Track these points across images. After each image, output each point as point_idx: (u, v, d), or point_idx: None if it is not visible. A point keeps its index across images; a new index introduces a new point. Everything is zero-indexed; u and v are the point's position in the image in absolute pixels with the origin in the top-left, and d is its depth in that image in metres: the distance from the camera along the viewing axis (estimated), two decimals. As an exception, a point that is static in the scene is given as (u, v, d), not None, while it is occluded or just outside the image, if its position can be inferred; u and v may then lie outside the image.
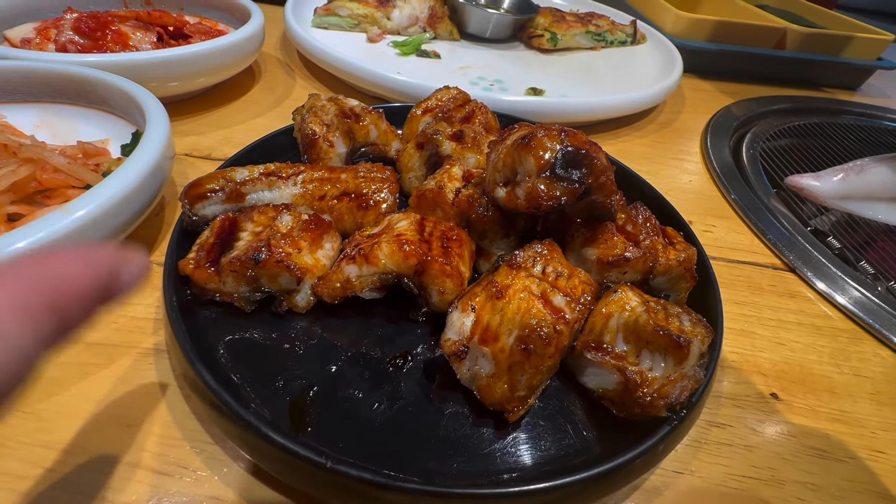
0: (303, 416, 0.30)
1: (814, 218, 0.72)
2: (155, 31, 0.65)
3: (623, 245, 0.37)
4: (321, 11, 0.84)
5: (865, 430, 0.36)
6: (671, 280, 0.38)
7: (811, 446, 0.35)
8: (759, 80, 0.98)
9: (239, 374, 0.31)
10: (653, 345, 0.31)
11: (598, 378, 0.32)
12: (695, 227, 0.56)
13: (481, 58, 0.83)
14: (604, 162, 0.35)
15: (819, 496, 0.32)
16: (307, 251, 0.36)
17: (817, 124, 0.86)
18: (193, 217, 0.38)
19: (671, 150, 0.71)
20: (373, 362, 0.34)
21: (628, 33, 0.96)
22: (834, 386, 0.39)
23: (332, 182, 0.42)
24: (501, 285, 0.31)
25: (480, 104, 0.54)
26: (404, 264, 0.33)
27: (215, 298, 0.35)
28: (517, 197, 0.35)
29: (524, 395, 0.30)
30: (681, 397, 0.29)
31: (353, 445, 0.29)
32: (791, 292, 0.48)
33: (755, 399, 0.37)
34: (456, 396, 0.32)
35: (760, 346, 0.42)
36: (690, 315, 0.33)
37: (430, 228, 0.36)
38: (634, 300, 0.33)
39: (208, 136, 0.59)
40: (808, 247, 0.55)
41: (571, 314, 0.31)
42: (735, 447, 0.34)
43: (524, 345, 0.29)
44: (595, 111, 0.67)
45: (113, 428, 0.31)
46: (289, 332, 0.35)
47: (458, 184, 0.40)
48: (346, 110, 0.47)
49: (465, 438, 0.31)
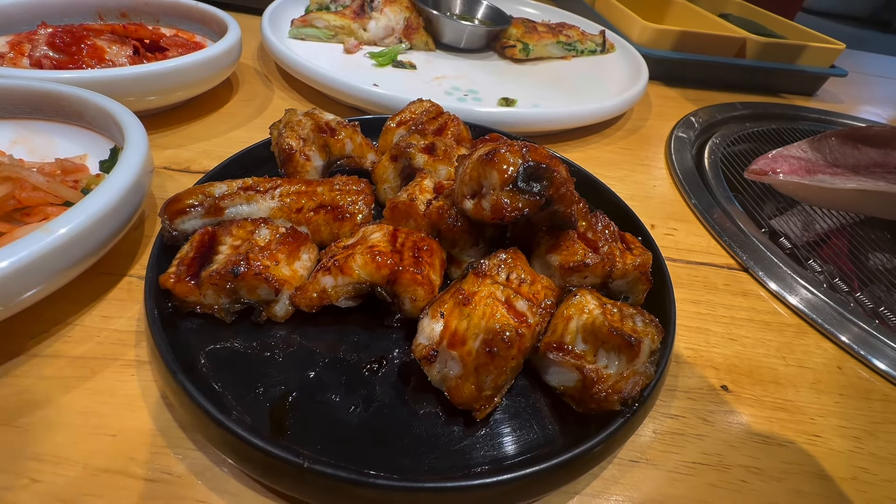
0: (282, 421, 0.32)
1: (772, 219, 0.77)
2: (131, 45, 0.66)
3: (583, 252, 0.39)
4: (298, 23, 0.85)
5: (805, 416, 0.39)
6: (629, 283, 0.41)
7: (756, 433, 0.38)
8: (722, 87, 1.03)
9: (220, 383, 0.33)
10: (608, 344, 0.33)
11: (559, 376, 0.35)
12: (657, 230, 0.59)
13: (456, 68, 0.86)
14: (563, 174, 0.38)
15: (761, 478, 0.35)
16: (284, 263, 0.37)
17: (775, 129, 0.91)
18: (173, 232, 0.39)
19: (637, 156, 0.75)
20: (349, 367, 0.36)
21: (598, 43, 1.00)
22: (779, 377, 0.43)
23: (309, 195, 0.43)
24: (468, 292, 0.34)
25: (452, 116, 0.56)
26: (377, 274, 0.35)
27: (196, 310, 0.36)
28: (483, 209, 0.37)
29: (490, 395, 0.32)
30: (633, 392, 0.32)
31: (331, 447, 0.31)
32: (744, 291, 0.52)
33: (707, 391, 0.40)
34: (428, 397, 0.34)
35: (714, 342, 0.45)
36: (643, 316, 0.35)
37: (402, 239, 0.38)
38: (592, 303, 0.36)
39: (187, 149, 0.60)
40: (761, 247, 0.58)
41: (533, 318, 0.33)
42: (687, 436, 0.37)
43: (489, 348, 0.31)
44: (564, 121, 0.70)
45: (98, 438, 0.32)
46: (268, 340, 0.37)
47: (429, 195, 0.42)
48: (322, 125, 0.49)
49: (437, 437, 0.33)
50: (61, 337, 0.37)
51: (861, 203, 0.68)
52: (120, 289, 0.42)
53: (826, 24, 5.81)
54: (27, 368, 0.35)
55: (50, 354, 0.36)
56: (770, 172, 0.65)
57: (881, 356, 0.46)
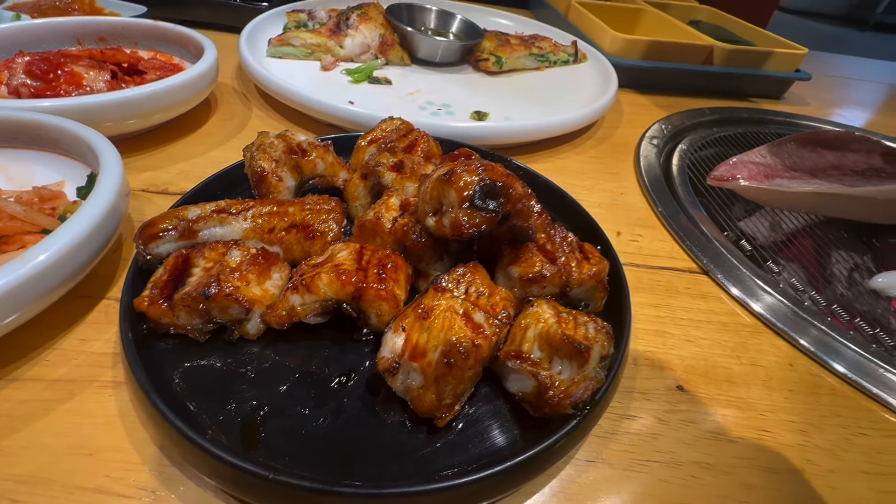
0: (253, 435, 0.33)
1: (741, 221, 0.80)
2: (108, 70, 0.67)
3: (541, 263, 0.41)
4: (275, 42, 0.87)
5: (755, 412, 0.42)
6: (586, 291, 0.43)
7: (707, 430, 0.40)
8: (693, 93, 1.06)
9: (193, 400, 0.34)
10: (561, 351, 0.35)
11: (518, 383, 0.36)
12: (623, 237, 0.62)
13: (431, 82, 0.88)
14: (519, 191, 0.40)
15: (711, 473, 0.37)
16: (255, 283, 0.39)
17: (741, 134, 0.94)
18: (147, 256, 0.41)
19: (607, 164, 0.77)
20: (319, 381, 0.38)
21: (570, 53, 1.03)
22: (732, 376, 0.45)
23: (280, 215, 0.45)
24: (428, 307, 0.36)
25: (422, 133, 0.58)
26: (342, 292, 0.37)
27: (170, 331, 0.38)
28: (444, 226, 0.39)
29: (451, 403, 0.34)
30: (584, 396, 0.34)
31: (300, 458, 0.33)
32: (703, 293, 0.54)
33: (663, 392, 0.42)
34: (395, 407, 0.36)
35: (671, 344, 0.47)
36: (596, 323, 0.37)
37: (367, 256, 0.40)
38: (548, 312, 0.38)
39: (165, 171, 0.61)
40: (722, 251, 0.61)
41: (490, 329, 0.35)
42: (642, 436, 0.39)
43: (447, 359, 0.33)
44: (533, 133, 0.73)
45: (75, 458, 0.33)
46: (242, 357, 0.38)
47: (395, 213, 0.44)
48: (294, 146, 0.51)
49: (403, 444, 0.34)
50: (40, 361, 0.39)
51: (819, 205, 0.71)
52: (98, 311, 0.43)
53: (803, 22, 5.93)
54: (7, 393, 0.36)
55: (29, 378, 0.37)
56: (730, 178, 0.68)
57: (831, 352, 0.48)
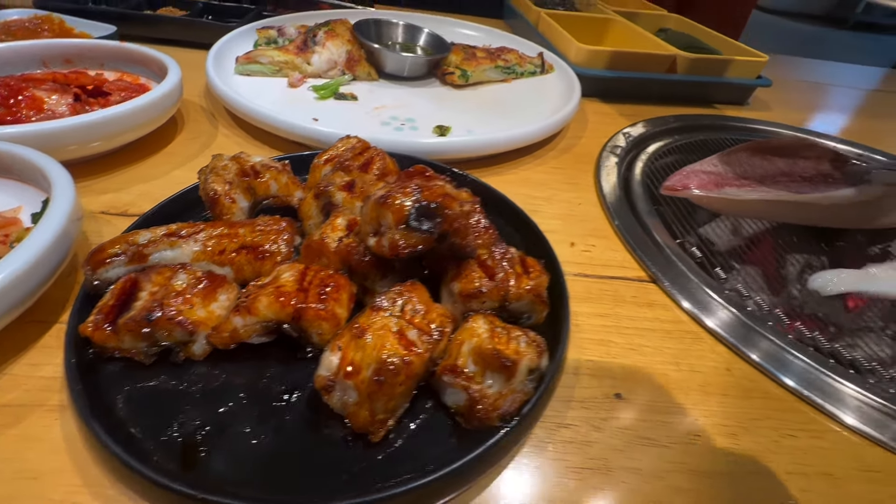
0: (193, 456, 0.34)
1: (702, 226, 0.82)
2: (72, 93, 0.68)
3: (479, 279, 0.43)
4: (242, 60, 0.88)
5: (689, 417, 0.43)
6: (526, 305, 0.45)
7: (641, 436, 0.41)
8: (658, 101, 1.09)
9: (134, 423, 0.35)
10: (491, 365, 0.37)
11: (452, 397, 0.38)
12: (576, 247, 0.63)
13: (397, 97, 0.90)
14: (456, 210, 0.42)
15: (641, 477, 0.39)
16: (200, 305, 0.40)
17: (703, 141, 0.96)
18: (95, 282, 0.42)
19: (568, 174, 0.79)
20: (263, 399, 0.39)
21: (536, 65, 1.05)
22: (671, 382, 0.47)
23: (231, 237, 0.46)
24: (363, 326, 0.37)
25: (378, 151, 0.60)
26: (282, 312, 0.38)
27: (115, 355, 0.39)
28: (383, 246, 0.41)
29: (384, 418, 0.35)
30: (510, 408, 0.35)
31: (239, 477, 0.34)
32: (650, 302, 0.56)
33: (601, 400, 0.44)
34: (334, 424, 0.37)
35: (615, 353, 0.49)
36: (528, 336, 0.39)
37: (310, 277, 0.41)
38: (483, 327, 0.39)
39: (126, 192, 0.62)
40: (673, 259, 0.63)
41: (423, 346, 0.37)
42: (577, 444, 0.40)
43: (377, 376, 0.34)
44: (494, 146, 0.74)
45: (20, 482, 0.34)
46: (187, 378, 0.39)
47: (341, 233, 0.46)
48: (247, 168, 0.52)
49: (341, 459, 0.36)
50: (-11, 387, 0.39)
51: (770, 212, 0.74)
52: (50, 336, 0.44)
53: (784, 22, 6.02)
54: (-45, 419, 0.37)
55: (-22, 404, 0.38)
56: (682, 188, 0.70)
57: (769, 357, 0.50)
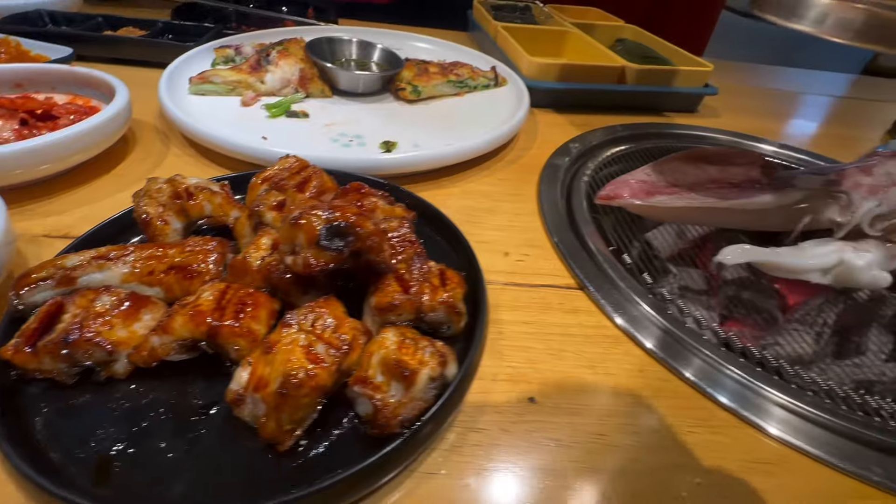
0: (106, 472, 0.36)
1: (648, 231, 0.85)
2: (18, 118, 0.70)
3: (394, 293, 0.45)
4: (196, 80, 0.90)
5: (596, 418, 0.46)
6: (442, 316, 0.47)
7: (549, 437, 0.44)
8: (610, 111, 1.13)
9: (51, 442, 0.37)
10: (395, 375, 0.39)
11: (362, 406, 0.40)
12: (510, 257, 0.66)
13: (349, 113, 0.92)
14: (369, 229, 0.44)
15: (548, 477, 0.41)
16: (121, 326, 0.42)
17: (649, 149, 1.00)
18: (20, 306, 0.43)
19: (513, 186, 0.82)
20: (182, 414, 0.41)
21: (490, 78, 1.08)
22: (585, 385, 0.49)
23: (160, 258, 0.48)
24: (272, 341, 0.39)
25: (316, 169, 0.62)
26: (197, 331, 0.40)
27: (37, 376, 0.40)
28: (298, 264, 0.43)
29: (290, 429, 0.37)
30: (410, 415, 0.37)
31: (153, 490, 0.35)
32: (575, 308, 0.58)
33: (515, 405, 0.46)
34: (248, 436, 0.39)
35: (534, 359, 0.51)
36: (434, 346, 0.41)
37: (229, 295, 0.43)
38: (391, 339, 0.41)
39: (69, 215, 0.64)
40: (605, 266, 0.66)
41: (329, 359, 0.39)
42: (485, 447, 0.42)
43: (282, 389, 0.36)
44: (437, 160, 0.77)
45: (-62, 502, 0.35)
46: (110, 397, 0.41)
47: (264, 252, 0.48)
48: (181, 191, 0.54)
49: (259, 470, 0.37)
50: (-86, 411, 0.41)
51: (701, 218, 0.77)
52: (-20, 359, 0.45)
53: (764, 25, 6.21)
54: None
55: None
56: (615, 197, 0.73)
57: (677, 356, 0.53)
